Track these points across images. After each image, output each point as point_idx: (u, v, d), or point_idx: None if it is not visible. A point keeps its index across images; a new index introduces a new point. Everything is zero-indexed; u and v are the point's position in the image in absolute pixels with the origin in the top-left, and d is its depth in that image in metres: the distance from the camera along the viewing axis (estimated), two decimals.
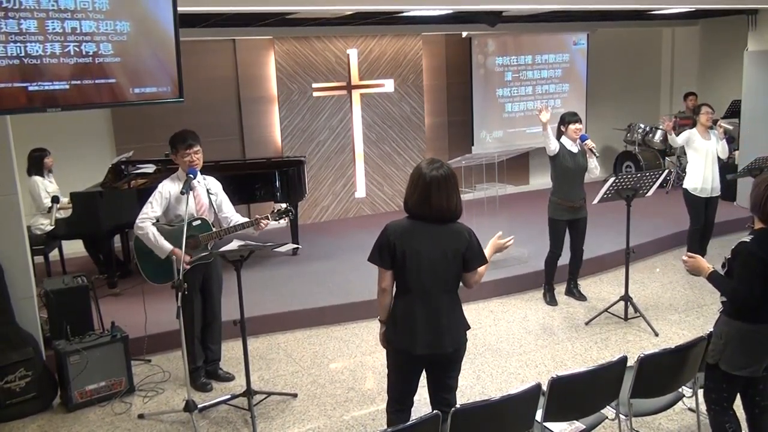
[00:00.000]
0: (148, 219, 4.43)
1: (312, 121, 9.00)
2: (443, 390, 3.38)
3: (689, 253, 3.47)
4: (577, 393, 3.23)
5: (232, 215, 4.65)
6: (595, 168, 5.88)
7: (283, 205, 4.52)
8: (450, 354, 3.29)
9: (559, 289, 6.35)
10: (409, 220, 3.27)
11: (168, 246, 4.40)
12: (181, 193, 4.35)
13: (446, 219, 3.24)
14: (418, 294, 3.23)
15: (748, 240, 3.18)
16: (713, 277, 3.30)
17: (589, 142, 5.83)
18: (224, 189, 4.78)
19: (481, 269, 3.31)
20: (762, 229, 3.19)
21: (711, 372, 3.37)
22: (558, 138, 5.92)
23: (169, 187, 4.52)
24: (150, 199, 4.50)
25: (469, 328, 3.39)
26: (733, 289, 3.20)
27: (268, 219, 4.40)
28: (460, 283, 3.34)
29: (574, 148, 5.88)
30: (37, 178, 6.41)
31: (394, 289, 3.32)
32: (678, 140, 6.80)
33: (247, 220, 4.54)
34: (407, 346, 3.24)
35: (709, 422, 3.43)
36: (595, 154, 5.82)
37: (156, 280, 4.55)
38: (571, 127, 5.83)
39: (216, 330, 4.82)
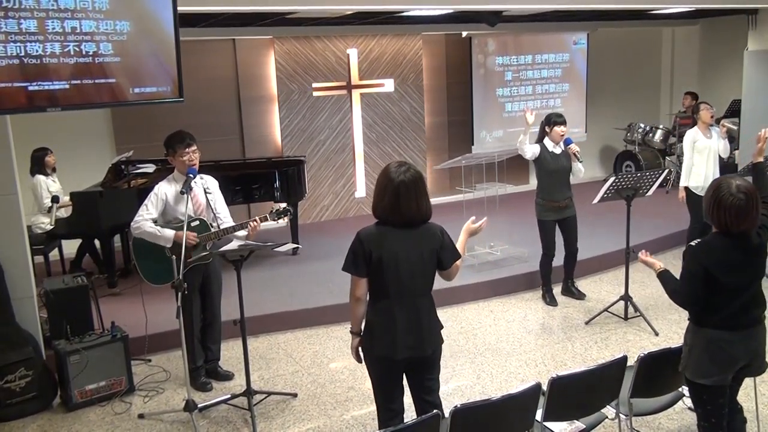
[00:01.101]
0: (143, 220, 4.42)
1: (312, 121, 9.00)
2: (426, 392, 3.36)
3: (645, 251, 3.48)
4: (577, 393, 3.22)
5: (224, 216, 4.63)
6: (579, 171, 5.88)
7: (282, 205, 4.52)
8: (429, 355, 3.29)
9: (557, 290, 6.33)
10: (381, 226, 3.22)
11: (170, 232, 4.39)
12: (181, 192, 4.34)
13: (417, 223, 3.21)
14: (397, 298, 3.20)
15: (694, 243, 3.13)
16: (661, 276, 3.28)
17: (573, 146, 5.82)
18: (224, 189, 4.78)
19: (457, 263, 3.32)
20: (714, 233, 3.12)
21: (688, 384, 3.25)
22: (541, 137, 5.93)
23: (165, 189, 4.51)
24: (145, 201, 4.48)
25: (442, 327, 3.38)
26: (673, 290, 3.18)
27: (267, 219, 4.39)
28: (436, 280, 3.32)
29: (557, 149, 5.88)
30: (41, 177, 6.42)
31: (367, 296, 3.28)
32: (687, 153, 6.63)
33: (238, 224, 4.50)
34: (388, 351, 3.21)
35: None
36: (578, 159, 5.82)
37: (155, 282, 4.54)
38: (556, 129, 5.83)
39: (216, 330, 4.82)
